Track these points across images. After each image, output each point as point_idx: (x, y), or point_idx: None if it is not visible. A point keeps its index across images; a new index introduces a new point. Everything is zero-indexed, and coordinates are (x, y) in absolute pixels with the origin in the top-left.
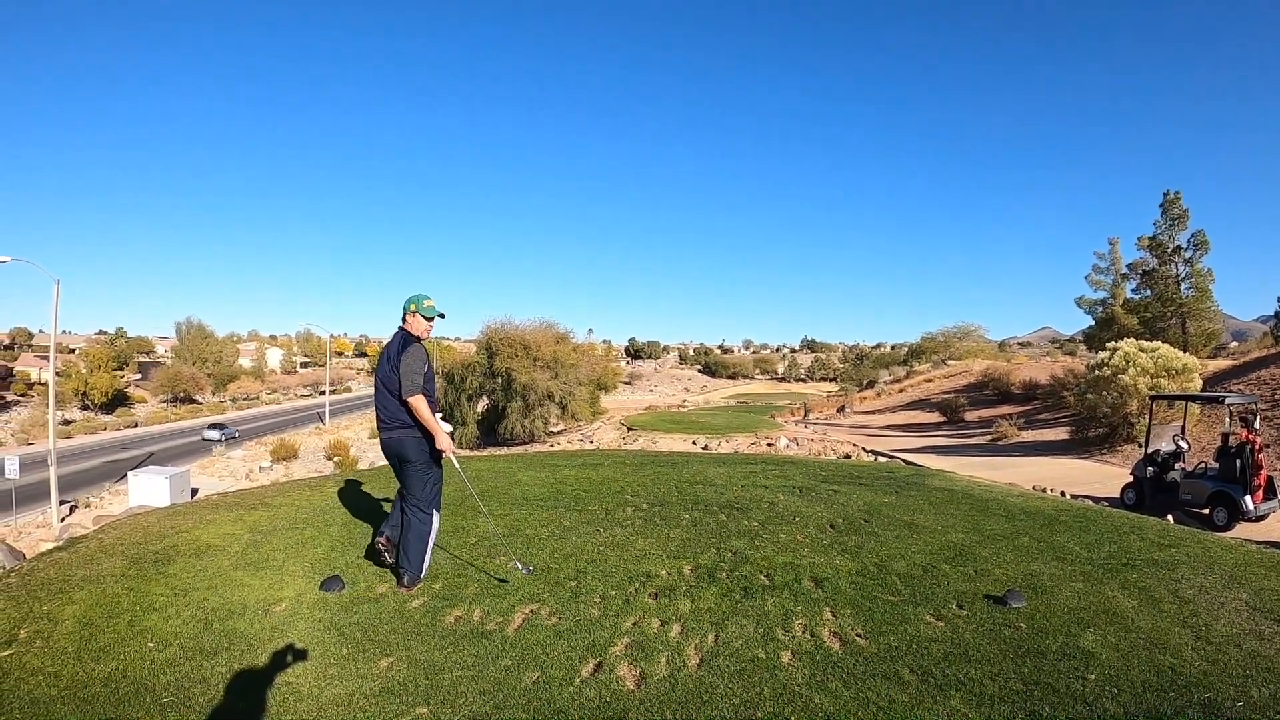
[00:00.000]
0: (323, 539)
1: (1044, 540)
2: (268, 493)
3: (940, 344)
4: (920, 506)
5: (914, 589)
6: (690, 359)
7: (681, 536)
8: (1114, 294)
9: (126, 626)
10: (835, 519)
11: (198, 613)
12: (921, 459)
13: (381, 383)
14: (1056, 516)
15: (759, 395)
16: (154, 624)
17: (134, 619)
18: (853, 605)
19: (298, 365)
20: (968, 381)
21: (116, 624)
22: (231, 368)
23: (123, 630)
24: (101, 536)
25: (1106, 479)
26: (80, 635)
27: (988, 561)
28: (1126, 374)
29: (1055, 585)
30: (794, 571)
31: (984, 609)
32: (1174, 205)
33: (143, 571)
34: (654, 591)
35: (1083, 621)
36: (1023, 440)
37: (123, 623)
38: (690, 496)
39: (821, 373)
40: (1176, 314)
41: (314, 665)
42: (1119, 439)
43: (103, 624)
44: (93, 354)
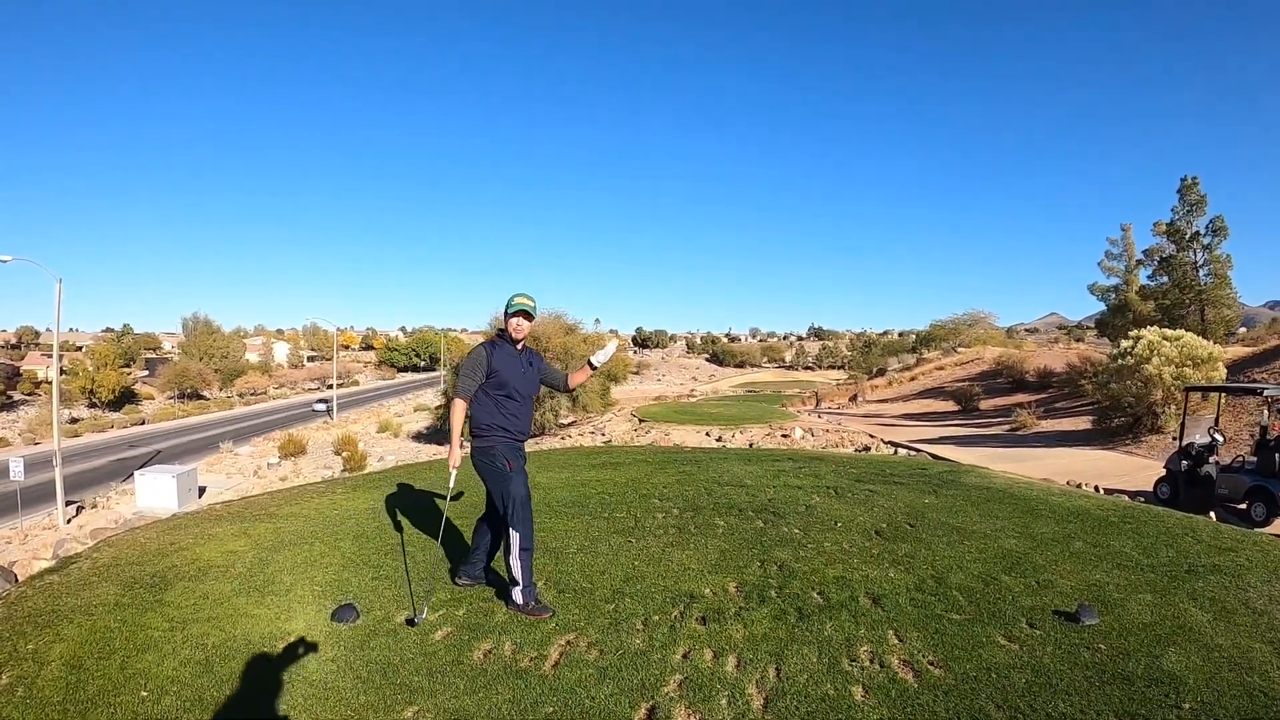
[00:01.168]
0: (333, 556)
1: (1099, 544)
2: (274, 500)
3: (950, 331)
4: (963, 508)
5: (978, 605)
6: (697, 348)
7: (720, 547)
8: (1127, 280)
9: (118, 669)
10: (879, 524)
11: (197, 651)
12: (941, 450)
13: None
14: (1105, 518)
15: (767, 383)
16: (149, 665)
17: (127, 659)
18: (918, 627)
19: (305, 359)
20: (980, 369)
21: (107, 666)
22: (238, 363)
23: (114, 674)
24: (96, 556)
25: (1135, 471)
26: (67, 681)
27: (1047, 571)
28: (1150, 363)
29: (1123, 597)
30: (848, 587)
31: (1056, 627)
32: (1192, 191)
33: (138, 600)
34: (701, 615)
35: (1161, 639)
36: (1042, 430)
37: (114, 665)
38: (721, 500)
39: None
40: (1195, 301)
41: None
42: (1143, 429)
43: (92, 666)
44: (99, 351)
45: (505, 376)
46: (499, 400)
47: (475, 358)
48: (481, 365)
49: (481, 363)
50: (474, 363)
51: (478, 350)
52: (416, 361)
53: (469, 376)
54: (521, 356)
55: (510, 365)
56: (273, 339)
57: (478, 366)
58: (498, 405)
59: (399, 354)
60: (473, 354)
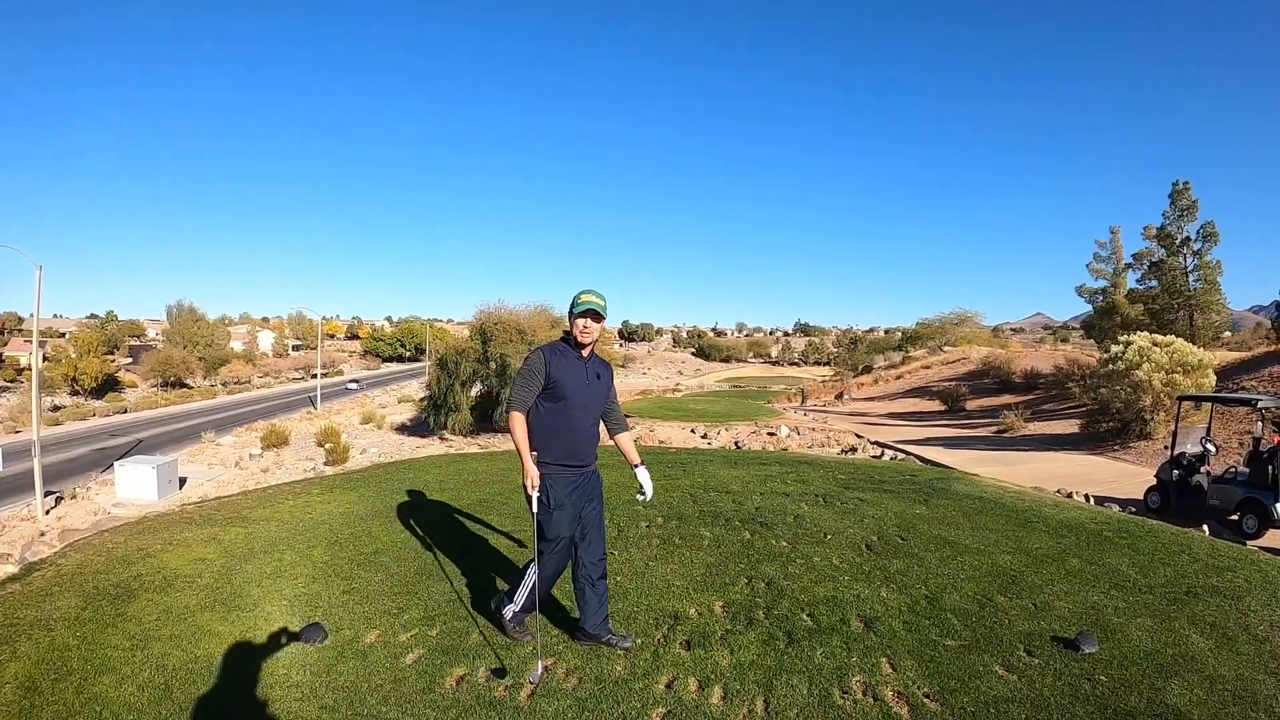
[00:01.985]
0: (304, 565)
1: (1095, 562)
2: (248, 502)
3: (936, 330)
4: (955, 519)
5: (974, 630)
6: (684, 342)
7: (706, 561)
8: (1115, 283)
9: (74, 693)
10: (869, 537)
11: (157, 673)
12: (929, 452)
13: None
14: (1099, 532)
15: (753, 379)
16: (106, 690)
17: (84, 682)
18: (912, 654)
19: (289, 348)
20: (967, 369)
21: (63, 689)
22: (223, 351)
23: (69, 699)
24: (61, 562)
25: (1124, 478)
26: (20, 705)
27: (1043, 591)
28: (1141, 369)
29: (1122, 622)
30: (839, 609)
31: (1055, 655)
32: (1183, 195)
33: (99, 614)
34: (686, 639)
35: (1163, 669)
36: (1030, 433)
37: (70, 688)
38: (708, 508)
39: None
40: (1184, 306)
41: None
42: (1132, 435)
43: (47, 689)
44: (82, 338)
45: (566, 387)
46: (556, 417)
47: (532, 364)
48: (539, 373)
49: (539, 370)
50: (530, 370)
51: (534, 355)
52: (402, 352)
53: (524, 387)
54: (588, 365)
55: (573, 374)
56: (258, 327)
57: (534, 374)
58: (554, 423)
59: (384, 344)
60: (529, 360)
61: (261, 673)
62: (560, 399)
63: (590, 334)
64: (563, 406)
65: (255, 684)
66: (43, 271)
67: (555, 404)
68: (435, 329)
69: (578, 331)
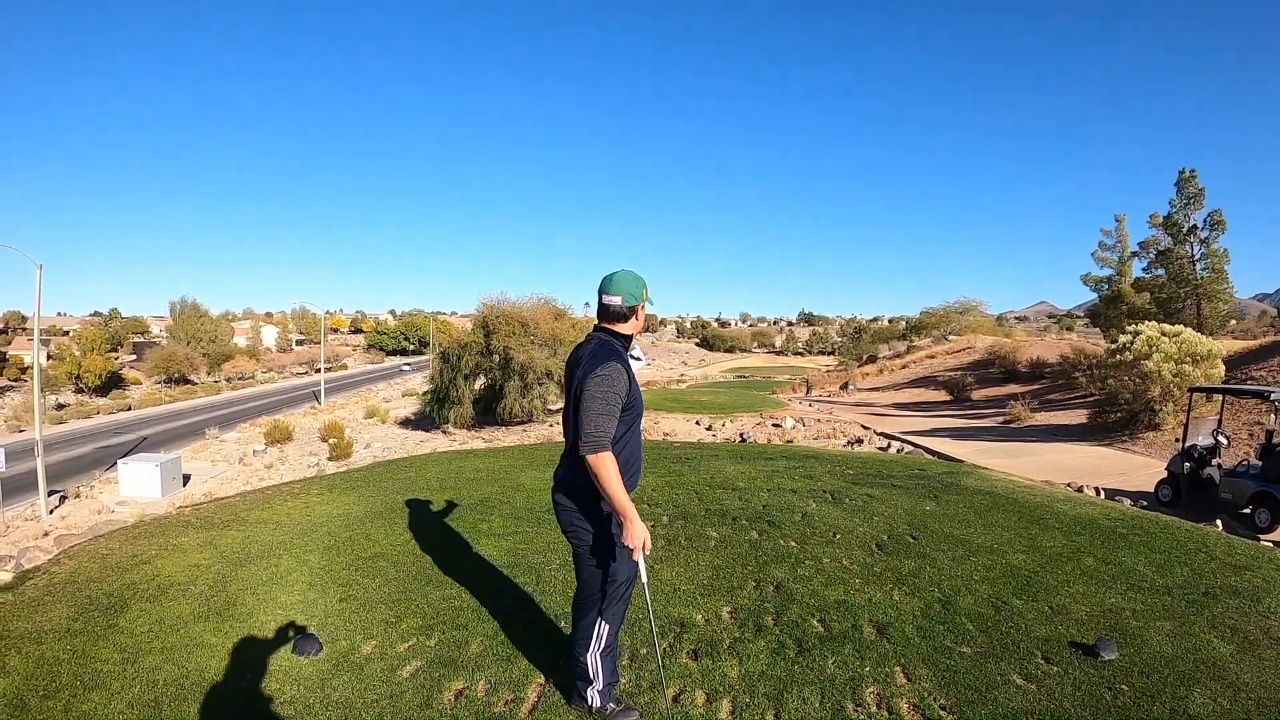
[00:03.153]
0: (300, 571)
1: (1110, 561)
2: (246, 503)
3: (941, 319)
4: (966, 516)
5: (990, 636)
6: (687, 332)
7: (712, 564)
8: (1121, 271)
9: (63, 711)
10: (880, 536)
11: (147, 689)
12: (935, 443)
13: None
14: (1113, 529)
15: (757, 369)
16: (95, 707)
17: (73, 698)
18: (927, 662)
19: (293, 343)
20: (972, 359)
21: (51, 707)
22: (226, 347)
23: (58, 717)
24: (55, 570)
25: (1133, 470)
26: None
27: (1059, 593)
28: (1150, 360)
29: (1141, 626)
30: (850, 614)
31: (1074, 662)
32: (1189, 184)
33: (91, 625)
34: (693, 648)
35: (1185, 677)
36: (1036, 423)
37: (59, 705)
38: (714, 506)
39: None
40: (1191, 295)
41: None
42: (1140, 426)
43: (36, 706)
44: (86, 336)
45: (638, 401)
46: (626, 437)
47: (616, 381)
48: (624, 391)
49: (624, 388)
50: (614, 389)
51: (614, 370)
52: (405, 345)
53: (609, 414)
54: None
55: (635, 381)
56: (261, 323)
57: (620, 394)
58: (625, 446)
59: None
60: (609, 375)
61: (253, 688)
62: (635, 418)
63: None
64: (633, 424)
65: (247, 701)
66: (43, 271)
67: (630, 422)
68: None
69: (641, 325)
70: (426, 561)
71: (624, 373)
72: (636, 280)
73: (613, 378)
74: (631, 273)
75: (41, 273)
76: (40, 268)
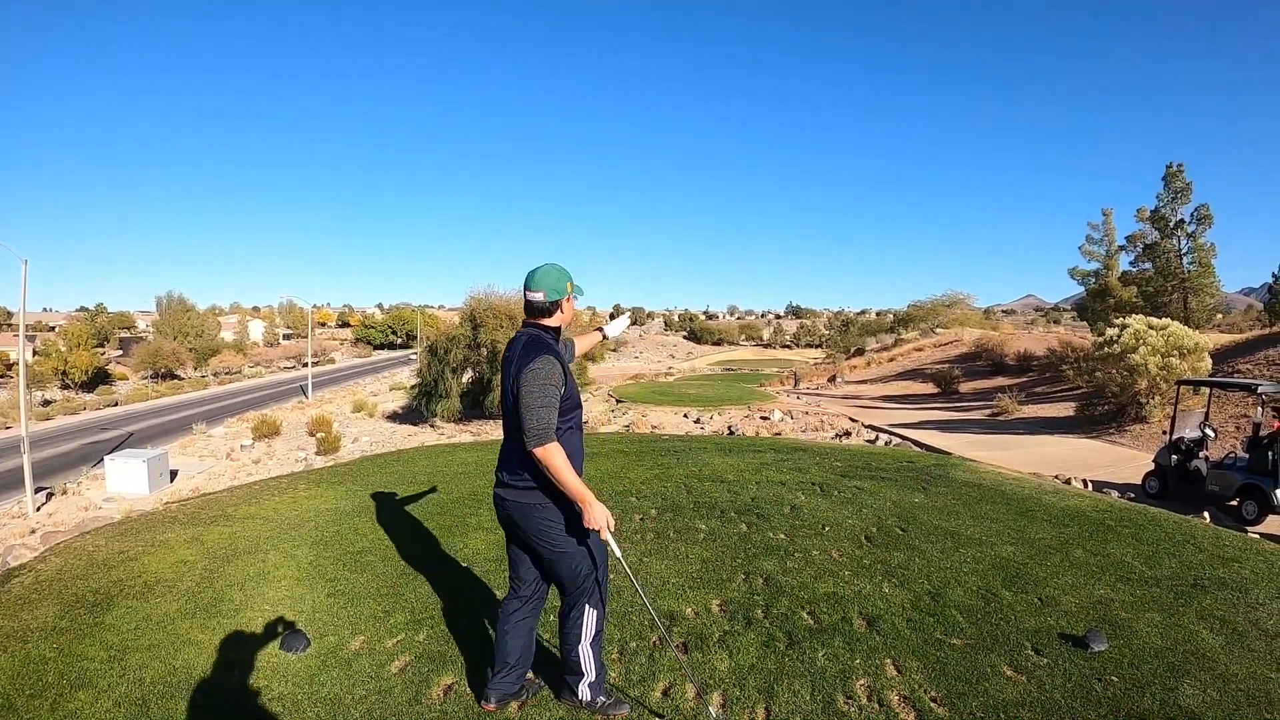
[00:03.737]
0: (288, 567)
1: (1099, 553)
2: (233, 499)
3: (928, 312)
4: (954, 508)
5: (979, 628)
6: (675, 325)
7: (701, 556)
8: (1108, 265)
9: (49, 711)
10: (869, 528)
11: (134, 687)
12: (923, 435)
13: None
14: (1101, 521)
15: (745, 362)
16: (82, 706)
17: (60, 698)
18: (917, 655)
19: (280, 337)
20: (960, 351)
21: (38, 706)
22: (214, 341)
23: (44, 716)
24: (41, 568)
25: (1121, 462)
26: None
27: (1048, 585)
28: (1137, 352)
29: (1130, 617)
30: (840, 606)
31: (1064, 654)
32: (1177, 178)
33: (77, 622)
34: (683, 641)
35: (1174, 669)
36: (1024, 416)
37: (45, 704)
38: (702, 498)
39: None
40: (1178, 288)
41: None
42: (1127, 418)
43: (23, 706)
44: (72, 331)
45: (575, 393)
46: (566, 431)
47: (550, 372)
48: (560, 381)
49: (560, 378)
50: (551, 379)
51: (550, 363)
52: (393, 339)
53: (550, 406)
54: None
55: (571, 375)
56: (248, 317)
57: (558, 386)
58: (565, 438)
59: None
60: (547, 369)
61: (241, 685)
62: (573, 409)
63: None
64: (572, 420)
65: (234, 697)
66: (29, 266)
67: (566, 417)
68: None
69: (569, 317)
70: (415, 555)
71: (557, 365)
72: (560, 274)
73: (546, 370)
74: (555, 266)
75: (27, 267)
76: (25, 262)
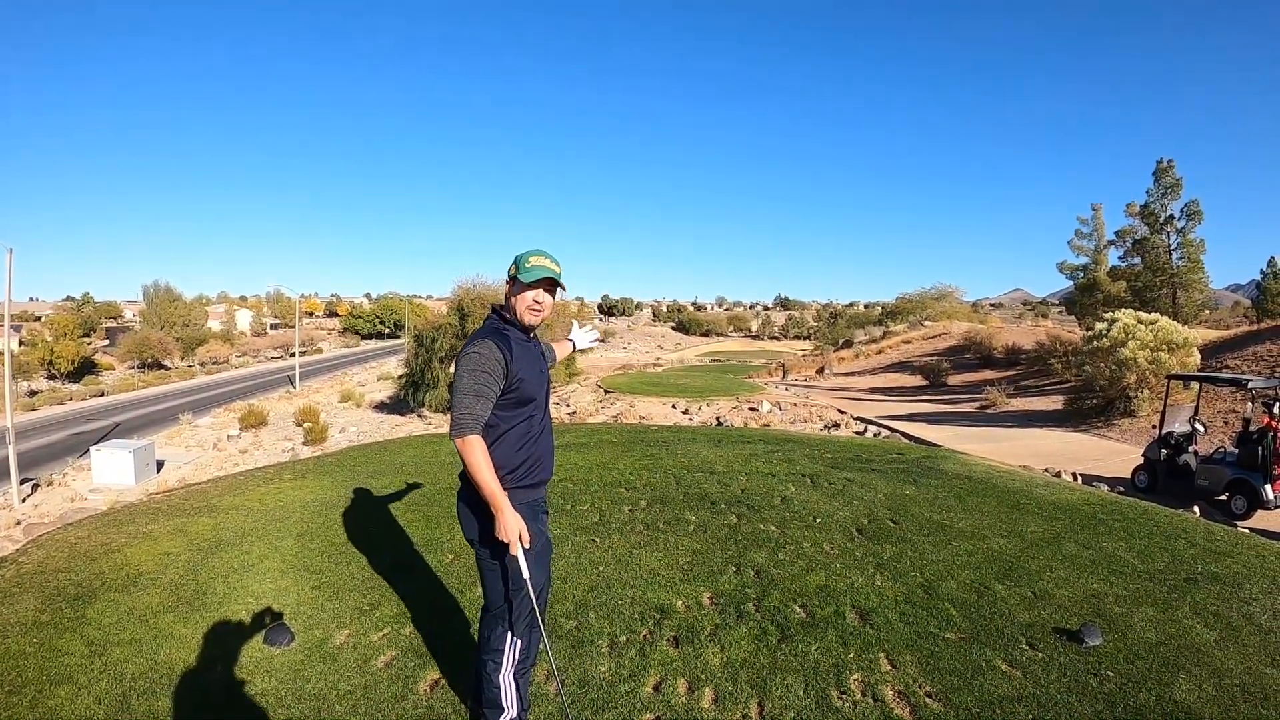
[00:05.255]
0: (272, 559)
1: (1091, 546)
2: (217, 489)
3: (917, 304)
4: (945, 500)
5: (973, 621)
6: (664, 316)
7: (692, 548)
8: (1097, 260)
9: (28, 708)
10: (860, 520)
11: (115, 683)
12: (913, 428)
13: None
14: (1093, 514)
15: (734, 353)
16: (61, 702)
17: (39, 694)
18: (911, 649)
19: (268, 327)
20: (948, 344)
21: (16, 703)
22: (201, 331)
23: (23, 713)
24: (22, 561)
25: (1109, 456)
26: None
27: (1041, 578)
28: (1126, 347)
29: (1124, 611)
30: (833, 599)
31: (1059, 649)
32: (1167, 174)
33: (58, 616)
34: (673, 635)
35: (1169, 663)
36: (1013, 409)
37: (24, 701)
38: (692, 490)
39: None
40: (1167, 284)
41: None
42: (1116, 412)
43: (1, 703)
44: (58, 321)
45: (530, 386)
46: (519, 426)
47: (484, 359)
48: (498, 370)
49: (497, 366)
50: (483, 367)
51: (484, 346)
52: (381, 329)
53: (480, 394)
54: (534, 348)
55: (531, 366)
56: (235, 306)
57: (491, 373)
58: (516, 434)
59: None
60: (477, 352)
61: (224, 680)
62: (527, 400)
63: (541, 312)
64: (529, 411)
65: (217, 693)
66: (15, 255)
67: (518, 410)
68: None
69: (525, 308)
70: (401, 547)
71: (496, 349)
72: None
73: (480, 355)
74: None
75: (12, 256)
76: (10, 251)
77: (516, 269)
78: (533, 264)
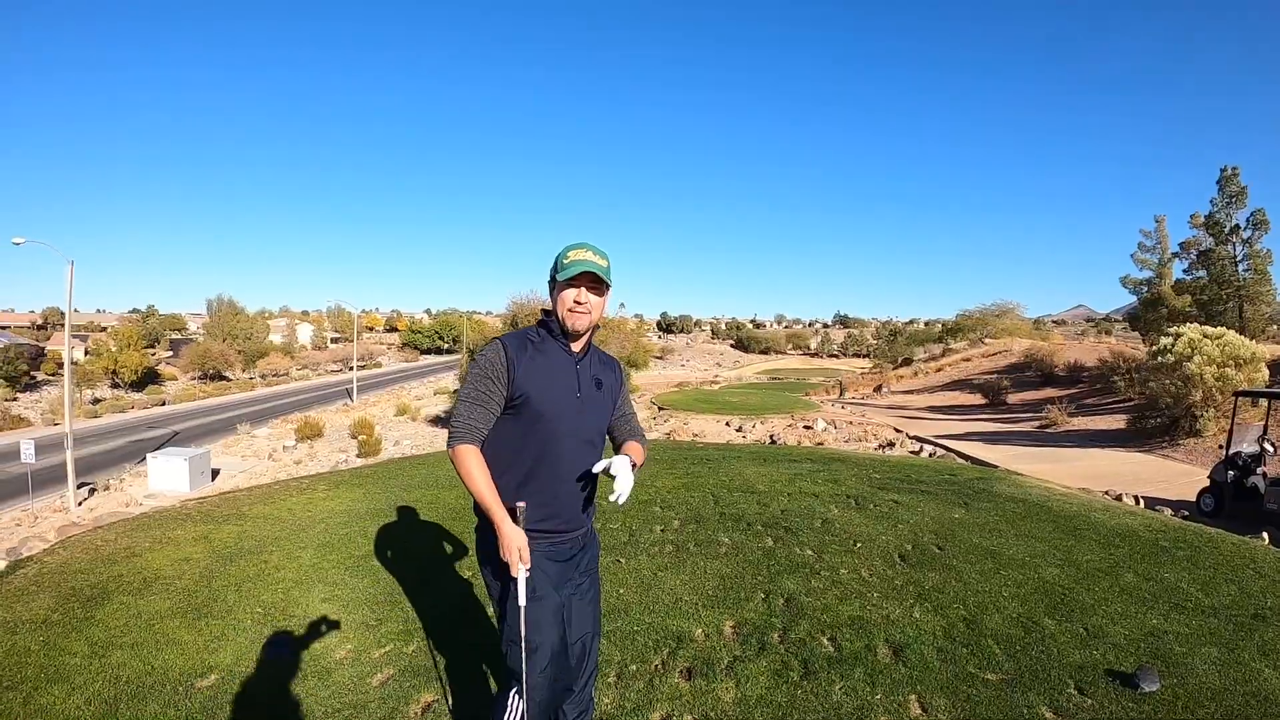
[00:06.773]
0: (288, 568)
1: (1151, 577)
2: (250, 498)
3: (977, 321)
4: (997, 525)
5: (1018, 661)
6: (722, 333)
7: (720, 572)
8: (1161, 274)
9: (21, 704)
10: (903, 545)
11: (109, 686)
12: (969, 447)
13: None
14: (1154, 541)
15: (792, 371)
16: (54, 701)
17: (34, 691)
18: (946, 691)
19: (328, 341)
20: (1008, 362)
21: (12, 699)
22: (262, 344)
23: (16, 710)
24: (46, 560)
25: (1174, 478)
26: None
27: (1095, 613)
28: (1191, 362)
29: (1186, 652)
30: (865, 633)
31: (1111, 695)
32: (1231, 182)
33: (69, 616)
34: (687, 666)
35: (1234, 714)
36: (1073, 428)
37: (19, 697)
38: (730, 510)
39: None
40: (1234, 296)
41: None
42: (1180, 431)
43: None
44: (123, 332)
45: (543, 401)
46: (526, 448)
47: (487, 362)
48: (500, 376)
49: (496, 372)
50: (485, 372)
51: (491, 349)
52: (440, 344)
53: (475, 400)
54: (581, 364)
55: (553, 379)
56: (297, 320)
57: (493, 378)
58: (522, 459)
59: (422, 336)
60: (483, 354)
61: (215, 690)
62: (539, 418)
63: (585, 314)
64: (538, 431)
65: (204, 703)
66: (81, 268)
67: (525, 427)
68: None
69: (566, 310)
70: (421, 562)
71: (502, 351)
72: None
73: (484, 358)
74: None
75: (73, 269)
76: (71, 264)
77: (556, 268)
78: (571, 259)
